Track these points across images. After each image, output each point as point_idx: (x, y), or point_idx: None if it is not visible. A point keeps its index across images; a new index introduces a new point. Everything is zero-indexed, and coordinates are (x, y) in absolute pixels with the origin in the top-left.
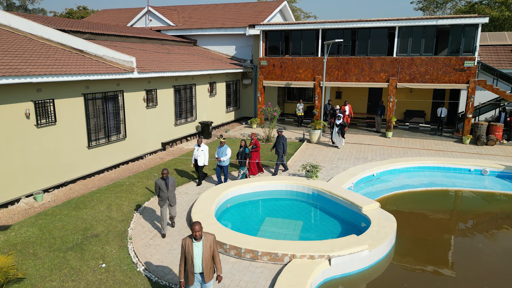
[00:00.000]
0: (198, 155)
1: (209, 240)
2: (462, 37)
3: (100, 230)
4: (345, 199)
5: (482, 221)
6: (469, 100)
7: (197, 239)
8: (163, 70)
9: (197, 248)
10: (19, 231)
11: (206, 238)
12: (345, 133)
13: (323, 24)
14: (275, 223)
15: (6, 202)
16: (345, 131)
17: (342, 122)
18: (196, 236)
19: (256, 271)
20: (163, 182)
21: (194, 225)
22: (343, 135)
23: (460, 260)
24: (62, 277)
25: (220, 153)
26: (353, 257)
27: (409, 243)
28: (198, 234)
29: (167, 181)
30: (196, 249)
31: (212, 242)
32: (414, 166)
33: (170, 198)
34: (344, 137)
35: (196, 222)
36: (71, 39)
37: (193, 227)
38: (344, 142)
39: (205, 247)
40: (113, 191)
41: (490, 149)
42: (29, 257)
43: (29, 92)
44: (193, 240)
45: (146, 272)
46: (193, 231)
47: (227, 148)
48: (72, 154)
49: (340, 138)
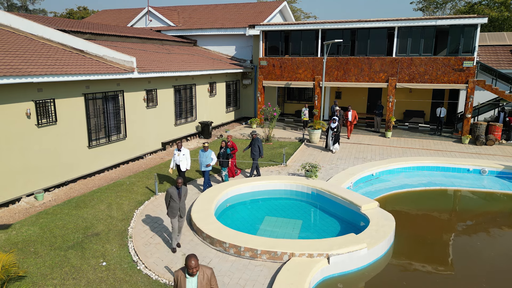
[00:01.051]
0: (180, 160)
1: (206, 276)
2: (461, 37)
3: (101, 229)
4: (344, 198)
5: (480, 221)
6: (468, 100)
7: (191, 275)
8: (163, 70)
9: (190, 285)
10: (20, 229)
11: (202, 273)
12: (339, 138)
13: (322, 25)
14: (275, 222)
15: (7, 201)
16: (339, 136)
17: (337, 126)
18: (192, 272)
19: (255, 269)
20: (176, 192)
21: (189, 260)
22: (337, 140)
23: (458, 259)
24: (63, 275)
25: (205, 158)
26: (352, 255)
27: (408, 242)
28: (194, 271)
29: (180, 191)
30: (189, 285)
31: (209, 279)
32: (413, 166)
33: (181, 209)
34: (339, 143)
35: (192, 256)
36: (71, 39)
37: (188, 262)
38: (338, 147)
39: (200, 284)
40: (113, 191)
41: (489, 149)
42: (30, 255)
43: (30, 92)
44: (187, 275)
45: (147, 270)
46: (188, 267)
47: (211, 152)
48: (73, 153)
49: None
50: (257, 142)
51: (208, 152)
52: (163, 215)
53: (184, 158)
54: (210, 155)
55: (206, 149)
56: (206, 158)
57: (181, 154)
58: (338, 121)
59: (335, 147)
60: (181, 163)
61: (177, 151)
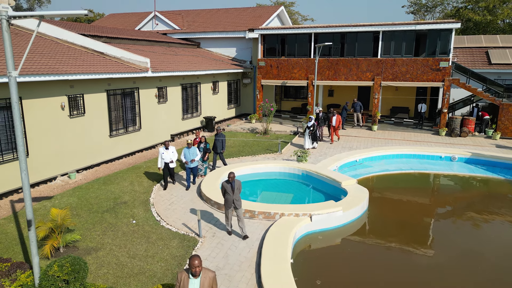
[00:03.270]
0: (170, 158)
1: (208, 279)
2: (438, 41)
3: (127, 199)
4: (328, 176)
5: (445, 195)
6: (444, 96)
7: (195, 276)
8: (173, 70)
9: (192, 286)
10: (62, 199)
11: (205, 276)
12: (317, 136)
13: (315, 29)
14: (270, 196)
15: (46, 179)
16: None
17: (312, 124)
18: (195, 272)
19: (253, 225)
20: (229, 186)
21: (192, 260)
22: (314, 139)
23: (421, 222)
24: (103, 229)
25: (190, 155)
26: (330, 215)
27: (380, 210)
28: (197, 271)
29: (232, 184)
30: (191, 287)
31: (211, 282)
32: (393, 154)
33: (235, 201)
34: (317, 141)
35: (195, 256)
36: (93, 43)
37: (191, 261)
38: (314, 145)
39: (202, 285)
40: (133, 172)
41: (462, 140)
42: (74, 217)
43: (64, 88)
44: (190, 275)
45: (168, 226)
46: (191, 267)
47: (195, 148)
48: (97, 141)
49: (309, 140)
50: (221, 136)
51: (192, 149)
52: (177, 190)
53: (173, 155)
54: (195, 151)
55: (190, 146)
56: (191, 154)
57: (170, 152)
58: (314, 120)
59: (312, 145)
60: (171, 162)
61: (164, 150)
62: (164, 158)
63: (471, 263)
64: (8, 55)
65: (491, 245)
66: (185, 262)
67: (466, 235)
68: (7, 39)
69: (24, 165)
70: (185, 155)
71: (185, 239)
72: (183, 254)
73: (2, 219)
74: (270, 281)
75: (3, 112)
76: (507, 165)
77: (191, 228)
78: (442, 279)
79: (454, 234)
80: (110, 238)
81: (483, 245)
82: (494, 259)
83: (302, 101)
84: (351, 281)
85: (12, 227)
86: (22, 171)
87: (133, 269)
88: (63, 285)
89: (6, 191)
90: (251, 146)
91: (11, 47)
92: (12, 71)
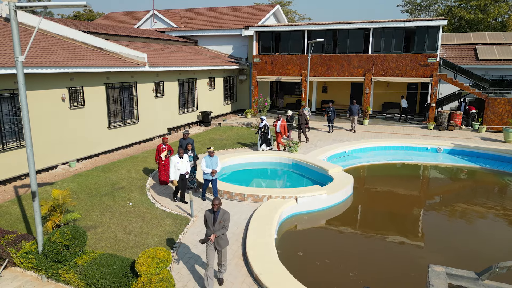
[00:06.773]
0: (186, 169)
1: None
2: (426, 37)
3: (125, 184)
4: (316, 165)
5: (427, 182)
6: (433, 91)
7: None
8: (169, 65)
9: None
10: (62, 185)
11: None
12: (268, 138)
13: (308, 26)
14: (261, 182)
15: (47, 167)
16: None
17: (264, 125)
18: (214, 208)
19: (242, 207)
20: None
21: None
22: (265, 141)
23: (402, 208)
24: (101, 210)
25: (212, 164)
26: (315, 198)
27: (364, 196)
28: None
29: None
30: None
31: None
32: (381, 146)
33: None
34: (268, 145)
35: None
36: (92, 39)
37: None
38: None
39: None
40: (130, 161)
41: (449, 133)
42: (74, 200)
43: (64, 81)
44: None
45: (162, 207)
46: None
47: (217, 158)
48: (96, 132)
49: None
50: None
51: (214, 158)
52: None
53: (189, 165)
54: (217, 161)
55: (212, 155)
56: (213, 164)
57: (186, 161)
58: (265, 121)
59: (262, 147)
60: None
61: (178, 159)
62: (179, 168)
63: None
64: (16, 41)
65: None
66: (177, 238)
67: (440, 217)
68: (15, 27)
69: (29, 140)
70: (207, 164)
71: (178, 218)
72: (176, 230)
73: (7, 201)
74: (253, 252)
75: (7, 102)
76: (490, 156)
77: (184, 209)
78: (413, 254)
79: (430, 216)
80: (108, 218)
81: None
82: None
83: (296, 97)
84: (330, 252)
85: (16, 208)
86: (28, 146)
87: (129, 243)
88: (64, 250)
89: (10, 177)
90: (245, 139)
91: (18, 34)
92: (19, 55)
